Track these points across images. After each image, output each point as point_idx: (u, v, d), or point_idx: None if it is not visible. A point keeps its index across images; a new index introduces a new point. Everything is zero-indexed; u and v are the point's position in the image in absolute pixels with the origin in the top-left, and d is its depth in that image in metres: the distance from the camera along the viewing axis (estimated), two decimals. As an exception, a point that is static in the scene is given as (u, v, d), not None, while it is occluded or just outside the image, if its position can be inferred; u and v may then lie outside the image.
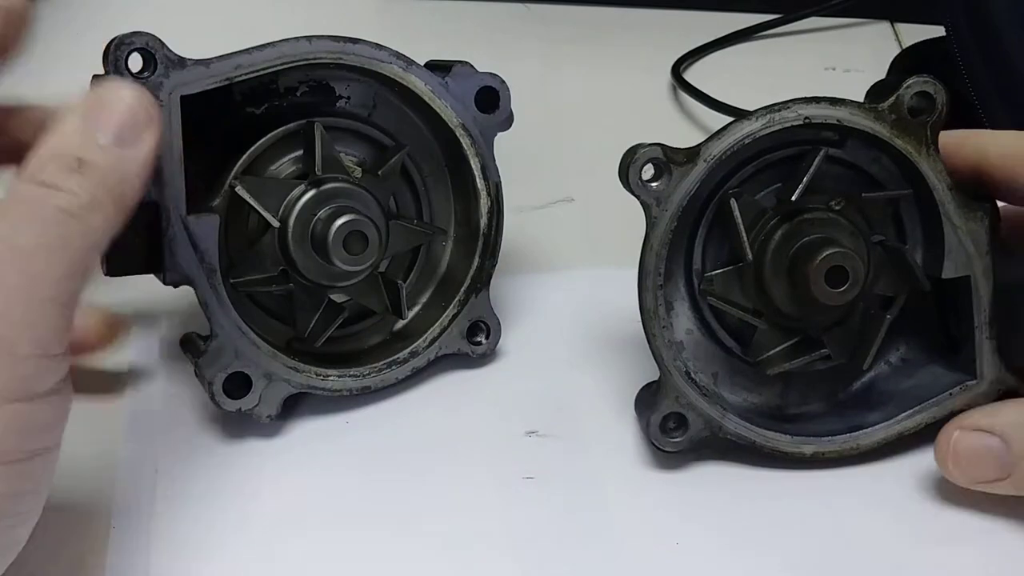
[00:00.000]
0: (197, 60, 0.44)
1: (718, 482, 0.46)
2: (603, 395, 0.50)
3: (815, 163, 0.44)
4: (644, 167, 0.43)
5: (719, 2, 0.79)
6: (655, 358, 0.44)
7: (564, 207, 0.63)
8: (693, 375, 0.45)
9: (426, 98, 0.48)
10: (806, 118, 0.43)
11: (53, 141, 0.37)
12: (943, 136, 0.44)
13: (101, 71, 0.44)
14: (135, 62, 0.43)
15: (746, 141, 0.43)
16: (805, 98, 0.43)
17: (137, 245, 0.44)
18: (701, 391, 0.45)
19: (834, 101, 0.43)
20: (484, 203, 0.50)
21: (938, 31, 0.68)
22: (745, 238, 0.44)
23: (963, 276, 0.45)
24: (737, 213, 0.45)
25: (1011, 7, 0.63)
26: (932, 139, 0.44)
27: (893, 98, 0.43)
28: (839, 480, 0.46)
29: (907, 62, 0.71)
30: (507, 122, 0.50)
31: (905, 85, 0.43)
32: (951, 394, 0.45)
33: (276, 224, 0.46)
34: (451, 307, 0.50)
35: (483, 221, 0.50)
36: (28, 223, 0.34)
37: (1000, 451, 0.42)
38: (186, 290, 0.45)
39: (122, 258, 0.44)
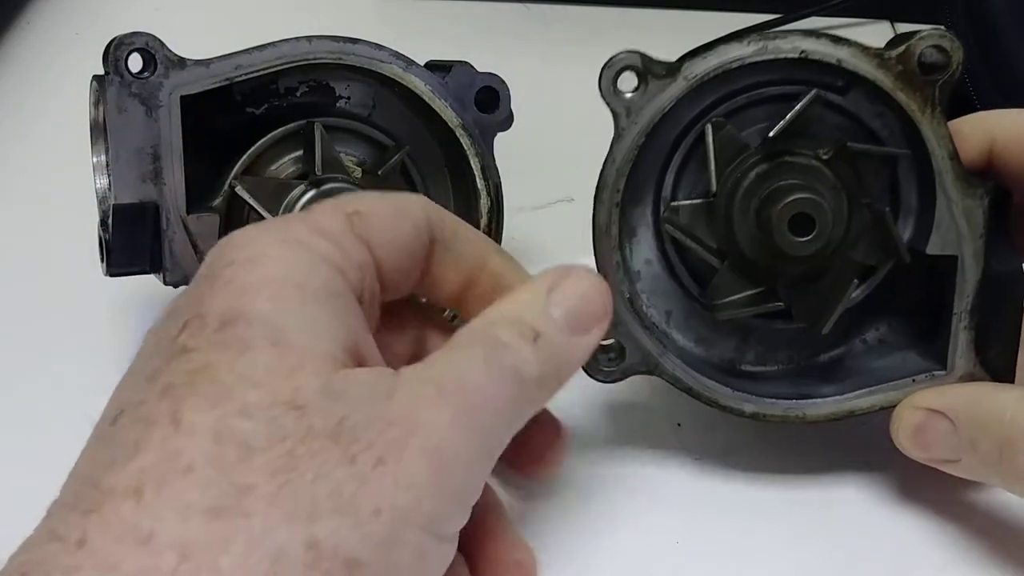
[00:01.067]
0: (197, 60, 0.44)
1: (718, 481, 0.46)
2: (601, 391, 0.50)
3: (803, 102, 0.41)
4: (620, 74, 0.41)
5: (719, 2, 0.79)
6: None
7: (564, 207, 0.63)
8: (640, 306, 0.43)
9: (426, 98, 0.48)
10: (803, 51, 0.40)
11: (511, 306, 0.36)
12: (949, 124, 0.41)
13: (101, 71, 0.44)
14: (135, 62, 0.43)
15: (733, 66, 0.40)
16: (805, 31, 0.41)
17: (137, 245, 0.44)
18: (643, 323, 0.43)
19: (836, 40, 0.40)
20: (484, 203, 0.50)
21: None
22: (714, 168, 0.42)
23: (950, 256, 0.42)
24: (710, 139, 0.42)
25: (1011, 7, 0.63)
26: (940, 100, 0.40)
27: (904, 47, 0.40)
28: (839, 480, 0.46)
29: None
30: (507, 122, 0.50)
31: (919, 36, 0.40)
32: (914, 380, 0.42)
33: (276, 224, 0.46)
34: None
35: (483, 221, 0.50)
36: (477, 363, 0.33)
37: (948, 434, 0.40)
38: (186, 290, 0.46)
39: (122, 258, 0.44)
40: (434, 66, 0.49)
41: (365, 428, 0.30)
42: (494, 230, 0.50)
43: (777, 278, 0.43)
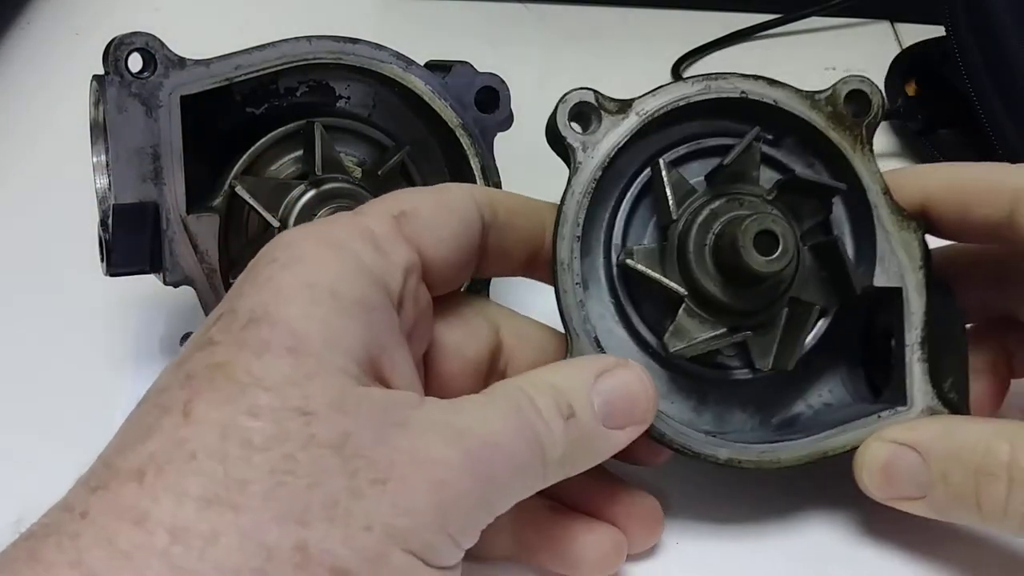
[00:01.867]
0: (197, 60, 0.44)
1: (718, 481, 0.46)
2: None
3: (749, 135, 0.42)
4: (575, 109, 0.42)
5: (719, 2, 0.79)
6: (563, 317, 0.41)
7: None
8: (604, 346, 0.41)
9: (426, 98, 0.48)
10: (743, 92, 0.42)
11: (556, 376, 0.36)
12: (885, 175, 0.43)
13: (101, 71, 0.44)
14: (135, 62, 0.43)
15: (680, 103, 0.42)
16: (744, 74, 0.42)
17: (137, 245, 0.44)
18: None
19: (772, 82, 0.43)
20: (484, 203, 0.50)
21: (938, 31, 0.68)
22: (672, 198, 0.42)
23: (894, 288, 0.42)
24: (664, 175, 0.42)
25: (1011, 7, 0.63)
26: (867, 138, 0.43)
27: (830, 90, 0.43)
28: (840, 480, 0.46)
29: (907, 62, 0.71)
30: (507, 122, 0.50)
31: (843, 80, 0.43)
32: (880, 416, 0.42)
33: (276, 224, 0.46)
34: (451, 307, 0.50)
35: (483, 221, 0.50)
36: (506, 422, 0.34)
37: (917, 468, 0.39)
38: (186, 290, 0.46)
39: (122, 258, 0.44)
40: (434, 66, 0.49)
41: (370, 448, 0.31)
42: (494, 230, 0.50)
43: (734, 314, 0.42)
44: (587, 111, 0.42)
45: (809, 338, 0.43)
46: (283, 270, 0.33)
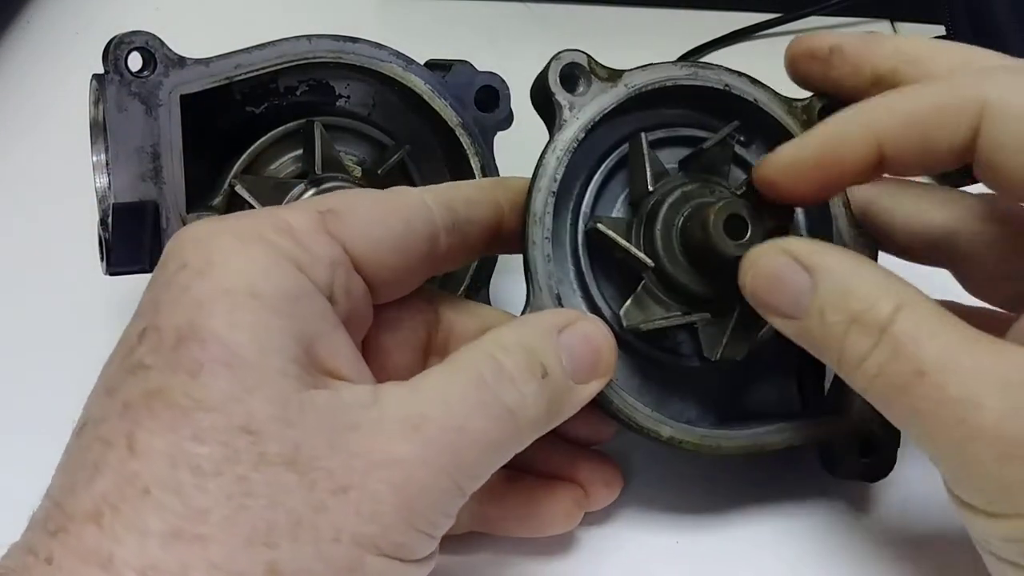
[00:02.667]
0: (197, 59, 0.44)
1: (719, 482, 0.46)
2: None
3: (727, 128, 0.42)
4: (567, 69, 0.42)
5: (719, 2, 0.79)
6: (527, 269, 0.41)
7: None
8: (565, 305, 0.41)
9: (426, 97, 0.48)
10: (727, 85, 0.43)
11: (522, 335, 0.36)
12: (828, 127, 0.39)
13: (101, 70, 0.44)
14: (135, 61, 0.43)
15: (667, 83, 0.42)
16: (730, 69, 0.43)
17: (137, 244, 0.44)
18: None
19: (755, 81, 0.43)
20: (484, 202, 0.50)
21: (938, 31, 0.68)
22: (649, 171, 0.42)
23: None
24: (645, 147, 0.42)
25: (1011, 7, 0.63)
26: None
27: (807, 100, 0.43)
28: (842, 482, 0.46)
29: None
30: (507, 121, 0.50)
31: (818, 98, 0.43)
32: (818, 422, 0.42)
33: (276, 223, 0.46)
34: (451, 306, 0.50)
35: (483, 220, 0.50)
36: (468, 398, 0.33)
37: (803, 291, 0.36)
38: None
39: (122, 257, 0.44)
40: (434, 65, 0.49)
41: (326, 456, 0.30)
42: (494, 229, 0.50)
43: (693, 301, 0.42)
44: (578, 73, 0.42)
45: (760, 333, 0.43)
46: (198, 278, 0.32)
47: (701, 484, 0.46)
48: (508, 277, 0.54)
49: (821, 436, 0.42)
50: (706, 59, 0.75)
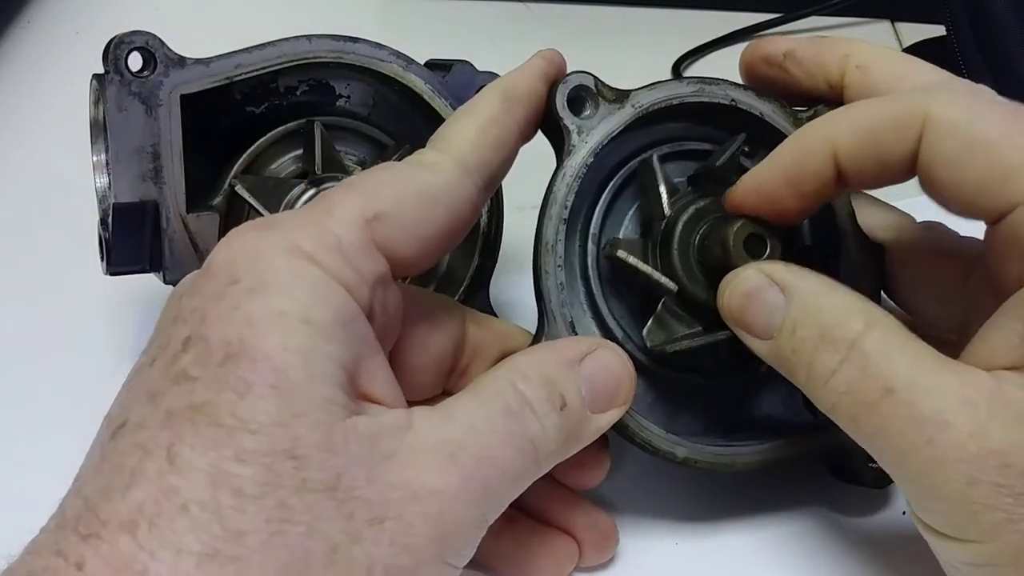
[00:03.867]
0: (197, 59, 0.44)
1: (719, 485, 0.46)
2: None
3: (736, 143, 0.42)
4: (573, 92, 0.41)
5: (719, 2, 0.79)
6: (540, 299, 0.40)
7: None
8: (577, 327, 0.41)
9: (426, 97, 0.48)
10: (733, 100, 0.43)
11: (539, 364, 0.36)
12: (793, 136, 0.39)
13: (101, 70, 0.44)
14: (135, 61, 0.43)
15: (673, 102, 0.42)
16: (735, 83, 0.43)
17: (137, 244, 0.44)
18: None
19: (760, 94, 0.43)
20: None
21: (938, 30, 0.68)
22: (665, 195, 0.42)
23: None
24: (658, 170, 0.42)
25: (1011, 7, 0.63)
26: None
27: (812, 112, 0.43)
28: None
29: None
30: (507, 121, 0.50)
31: (822, 105, 0.43)
32: (827, 432, 0.40)
33: (276, 223, 0.46)
34: (451, 306, 0.50)
35: (483, 220, 0.50)
36: (497, 428, 0.33)
37: (775, 309, 0.37)
38: (186, 289, 0.45)
39: (122, 257, 0.44)
40: (434, 65, 0.49)
41: (364, 487, 0.30)
42: (494, 229, 0.50)
43: (712, 316, 0.41)
44: (584, 95, 0.42)
45: None
46: (251, 297, 0.31)
47: (702, 487, 0.46)
48: (508, 277, 0.54)
49: (831, 446, 0.42)
50: (706, 59, 0.75)
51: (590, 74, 0.42)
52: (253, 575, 0.28)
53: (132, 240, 0.43)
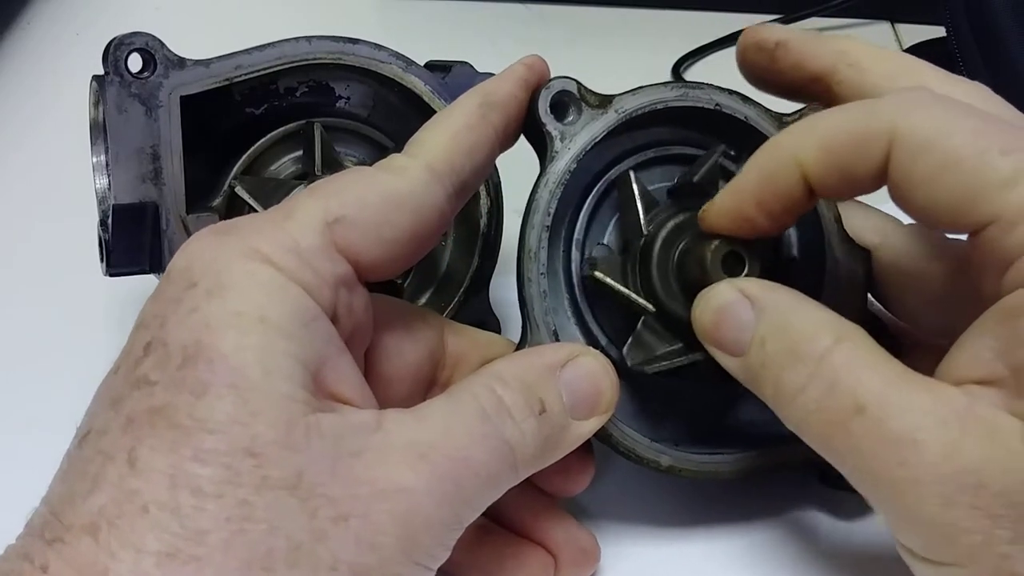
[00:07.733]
0: (197, 60, 0.44)
1: (703, 488, 0.46)
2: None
3: (715, 155, 0.42)
4: (556, 97, 0.41)
5: (719, 2, 0.79)
6: (523, 307, 0.40)
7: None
8: (560, 339, 0.41)
9: (426, 98, 0.48)
10: (717, 104, 0.42)
11: (521, 369, 0.35)
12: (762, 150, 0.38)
13: (101, 71, 0.44)
14: (135, 62, 0.43)
15: (657, 106, 0.42)
16: (720, 87, 0.43)
17: (137, 245, 0.44)
18: None
19: (745, 99, 0.43)
20: (484, 203, 0.50)
21: (938, 31, 0.68)
22: (643, 215, 0.42)
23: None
24: (635, 187, 0.42)
25: (1011, 7, 0.63)
26: None
27: (797, 114, 0.43)
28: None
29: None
30: (507, 122, 0.50)
31: (810, 106, 0.43)
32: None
33: (276, 224, 0.46)
34: (451, 307, 0.50)
35: (483, 221, 0.50)
36: (472, 430, 0.33)
37: (745, 325, 0.36)
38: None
39: (122, 258, 0.44)
40: (434, 66, 0.49)
41: (327, 484, 0.30)
42: (493, 230, 0.50)
43: (691, 332, 0.40)
44: (567, 100, 0.41)
45: None
46: (208, 300, 0.31)
47: (686, 494, 0.46)
48: (508, 278, 0.54)
49: (816, 454, 0.42)
50: (706, 60, 0.75)
51: (573, 79, 0.42)
52: (214, 573, 0.28)
53: (132, 241, 0.43)
